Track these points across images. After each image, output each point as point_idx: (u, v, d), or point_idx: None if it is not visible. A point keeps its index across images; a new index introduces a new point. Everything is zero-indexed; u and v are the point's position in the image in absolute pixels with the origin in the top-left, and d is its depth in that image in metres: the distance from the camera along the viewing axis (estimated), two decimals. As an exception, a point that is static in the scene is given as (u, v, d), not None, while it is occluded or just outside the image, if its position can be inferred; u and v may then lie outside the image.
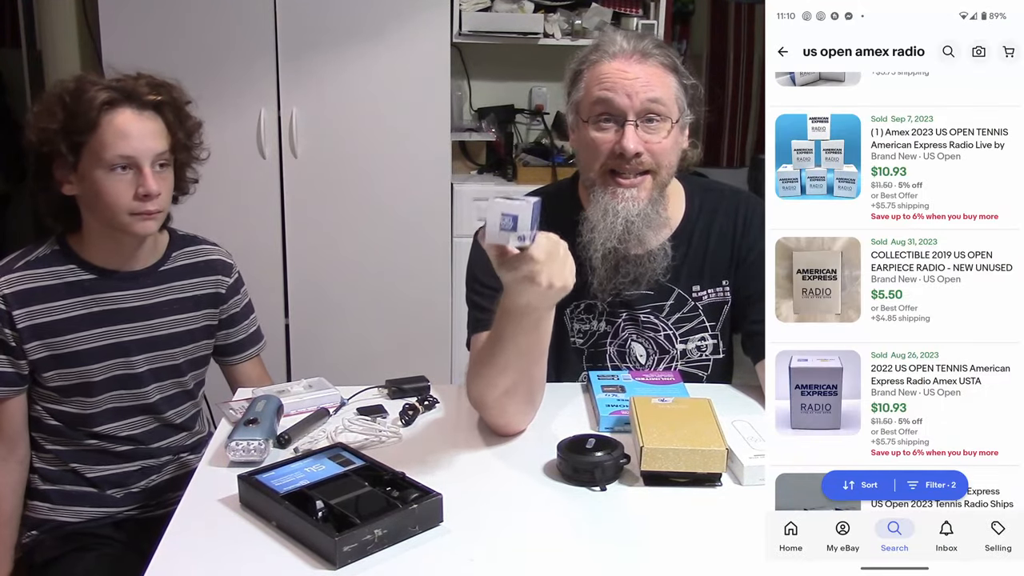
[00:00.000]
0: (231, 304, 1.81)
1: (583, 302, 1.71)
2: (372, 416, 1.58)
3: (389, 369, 1.76)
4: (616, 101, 1.56)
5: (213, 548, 1.22)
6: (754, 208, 1.73)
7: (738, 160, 4.70)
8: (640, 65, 1.57)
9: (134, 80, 1.61)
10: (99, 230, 1.63)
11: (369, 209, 3.10)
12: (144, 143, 1.57)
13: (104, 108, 1.55)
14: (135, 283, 1.68)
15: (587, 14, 3.28)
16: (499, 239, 1.22)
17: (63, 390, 1.66)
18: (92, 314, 1.65)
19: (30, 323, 1.60)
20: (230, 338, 1.84)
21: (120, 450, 1.73)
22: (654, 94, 1.56)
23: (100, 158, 1.55)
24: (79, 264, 1.65)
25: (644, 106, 1.56)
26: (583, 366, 1.74)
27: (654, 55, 1.59)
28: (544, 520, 1.29)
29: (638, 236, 1.61)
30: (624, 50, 1.59)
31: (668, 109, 1.58)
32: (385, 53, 3.00)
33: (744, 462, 1.37)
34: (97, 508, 1.73)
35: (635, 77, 1.56)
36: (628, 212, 1.59)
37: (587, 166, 1.64)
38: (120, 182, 1.56)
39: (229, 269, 1.80)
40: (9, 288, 1.59)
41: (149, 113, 1.59)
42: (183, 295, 1.73)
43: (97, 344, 1.65)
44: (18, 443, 1.68)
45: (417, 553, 1.20)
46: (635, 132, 1.56)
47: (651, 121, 1.57)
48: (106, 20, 2.89)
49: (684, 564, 1.21)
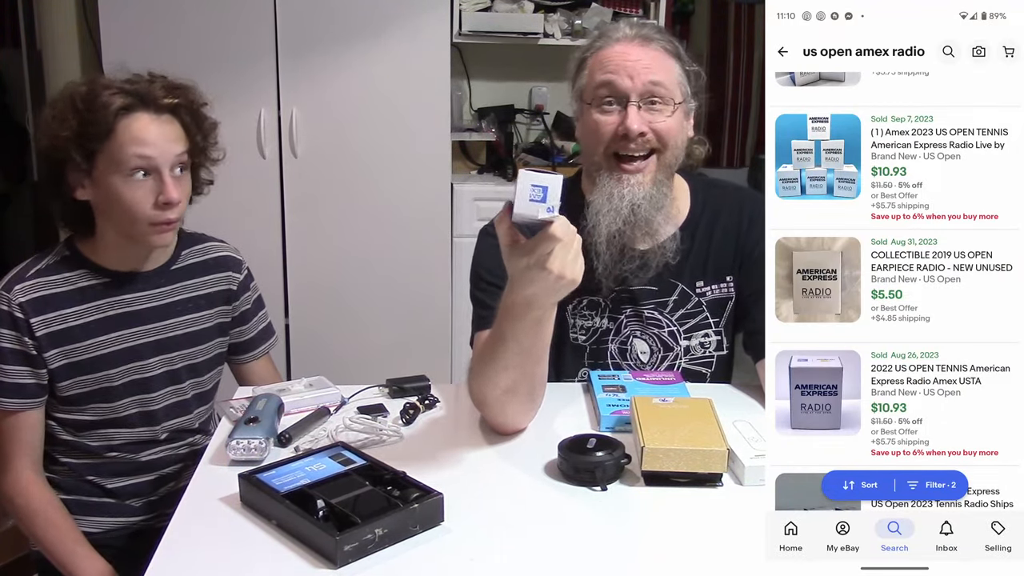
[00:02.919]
0: (243, 300, 1.80)
1: (586, 298, 1.70)
2: (373, 415, 1.58)
3: (390, 368, 1.76)
4: (619, 83, 1.58)
5: (213, 547, 1.22)
6: (759, 205, 1.71)
7: (738, 160, 4.70)
8: (642, 48, 1.60)
9: (149, 83, 1.57)
10: (114, 236, 1.60)
11: (369, 209, 3.10)
12: (162, 147, 1.54)
13: (120, 113, 1.52)
14: (147, 284, 1.66)
15: (587, 14, 3.29)
16: (528, 209, 1.22)
17: (80, 399, 1.63)
18: (107, 318, 1.62)
19: (47, 331, 1.57)
20: (243, 335, 1.82)
21: (139, 460, 1.71)
22: (656, 76, 1.58)
23: (117, 164, 1.52)
24: (90, 268, 1.62)
25: (647, 87, 1.58)
26: (584, 363, 1.74)
27: (656, 39, 1.61)
28: (544, 520, 1.29)
29: (645, 218, 1.62)
30: (627, 35, 1.62)
31: (670, 91, 1.60)
32: (385, 53, 3.00)
33: (745, 462, 1.37)
34: (116, 518, 1.71)
35: (637, 59, 1.59)
36: (634, 195, 1.60)
37: (591, 150, 1.64)
38: (139, 188, 1.53)
39: (239, 265, 1.79)
40: (24, 296, 1.56)
41: (166, 117, 1.56)
42: (195, 293, 1.72)
43: (113, 348, 1.63)
44: (41, 455, 1.65)
45: (418, 553, 1.20)
46: (638, 112, 1.58)
47: (654, 102, 1.59)
48: (106, 20, 2.89)
49: (684, 564, 1.21)
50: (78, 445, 1.67)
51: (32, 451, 1.63)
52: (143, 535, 1.71)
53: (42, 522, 1.61)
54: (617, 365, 1.74)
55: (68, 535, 1.62)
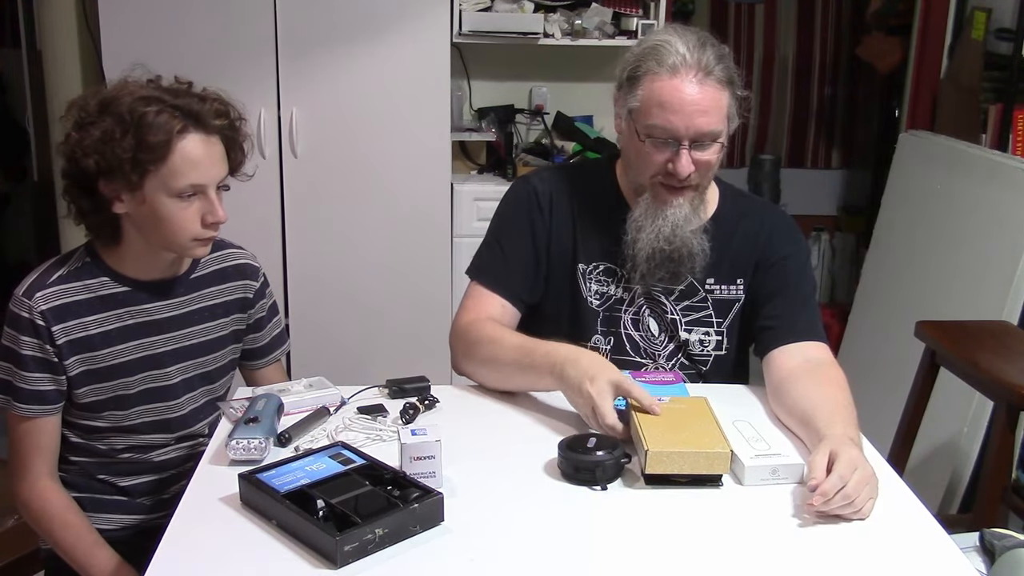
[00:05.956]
0: (258, 308, 1.78)
1: (603, 264, 1.75)
2: (373, 415, 1.58)
3: (390, 368, 1.76)
4: (674, 129, 1.59)
5: (213, 547, 1.22)
6: (783, 218, 1.81)
7: (738, 160, 4.70)
8: (700, 86, 1.57)
9: (199, 101, 1.55)
10: (142, 246, 1.59)
11: (369, 209, 3.10)
12: (212, 171, 1.54)
13: (177, 135, 1.50)
14: (168, 293, 1.65)
15: (587, 14, 3.28)
16: None
17: (96, 405, 1.62)
18: (127, 327, 1.61)
19: (67, 339, 1.56)
20: (257, 342, 1.81)
21: (152, 461, 1.70)
22: (711, 124, 1.59)
23: (168, 186, 1.50)
24: (111, 276, 1.60)
25: (700, 134, 1.59)
26: (597, 329, 1.76)
27: (714, 73, 1.59)
28: (544, 520, 1.29)
29: (683, 240, 1.67)
30: (687, 63, 1.58)
31: (721, 130, 1.62)
32: (385, 53, 3.00)
33: (745, 462, 1.37)
34: (128, 515, 1.71)
35: (695, 103, 1.57)
36: (676, 218, 1.66)
37: (638, 172, 1.69)
38: (187, 209, 1.53)
39: (256, 273, 1.78)
40: (46, 304, 1.55)
41: (214, 138, 1.55)
42: (214, 302, 1.71)
43: (133, 357, 1.62)
44: (57, 460, 1.64)
45: (418, 553, 1.20)
46: (688, 155, 1.60)
47: (703, 143, 1.61)
48: (106, 20, 2.89)
49: (684, 564, 1.21)
50: (89, 448, 1.67)
51: (49, 456, 1.63)
52: (154, 533, 1.70)
53: (59, 525, 1.62)
54: (630, 336, 1.75)
55: (86, 537, 1.62)
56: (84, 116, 1.52)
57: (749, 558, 1.22)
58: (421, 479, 1.31)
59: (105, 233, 1.59)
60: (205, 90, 1.59)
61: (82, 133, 1.50)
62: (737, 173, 4.61)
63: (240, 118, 1.62)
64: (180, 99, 1.53)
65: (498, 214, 1.82)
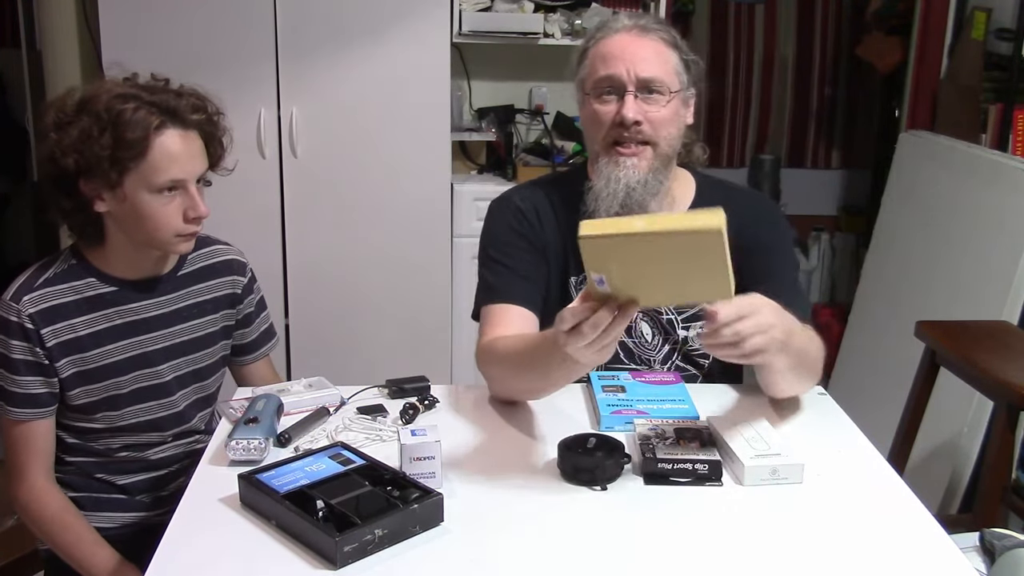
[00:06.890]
0: (246, 303, 1.79)
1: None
2: (372, 415, 1.58)
3: (390, 368, 1.76)
4: (616, 73, 1.62)
5: (213, 548, 1.22)
6: (764, 203, 1.80)
7: (738, 160, 4.70)
8: (640, 39, 1.64)
9: (176, 97, 1.55)
10: (126, 245, 1.59)
11: (369, 209, 3.10)
12: (191, 165, 1.54)
13: (154, 132, 1.50)
14: (155, 292, 1.65)
15: (587, 14, 3.28)
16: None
17: (89, 407, 1.62)
18: (116, 327, 1.61)
19: (57, 341, 1.57)
20: (245, 337, 1.82)
21: (149, 459, 1.71)
22: (652, 68, 1.62)
23: (148, 182, 1.51)
24: (98, 277, 1.61)
25: (643, 77, 1.61)
26: None
27: (654, 29, 1.66)
28: (544, 520, 1.29)
29: (639, 203, 1.64)
30: (626, 26, 1.66)
31: (667, 81, 1.63)
32: (385, 53, 3.00)
33: (744, 462, 1.37)
34: (127, 513, 1.71)
35: (635, 50, 1.63)
36: (629, 179, 1.64)
37: (592, 139, 1.69)
38: (168, 205, 1.53)
39: (244, 268, 1.79)
40: (34, 307, 1.55)
41: (193, 133, 1.55)
42: (202, 298, 1.71)
43: (123, 357, 1.63)
44: (53, 462, 1.65)
45: (417, 553, 1.20)
46: (634, 102, 1.62)
47: (651, 92, 1.63)
48: (106, 20, 2.88)
49: (684, 564, 1.21)
50: (85, 448, 1.67)
51: (45, 459, 1.63)
52: (154, 531, 1.71)
53: (58, 527, 1.62)
54: (623, 343, 1.74)
55: (85, 537, 1.63)
56: (62, 116, 1.52)
57: (749, 558, 1.22)
58: (421, 479, 1.31)
59: (88, 233, 1.59)
60: (182, 86, 1.60)
61: (60, 133, 1.50)
62: (737, 173, 4.62)
63: (218, 112, 1.62)
64: (157, 95, 1.53)
65: (489, 236, 1.77)
